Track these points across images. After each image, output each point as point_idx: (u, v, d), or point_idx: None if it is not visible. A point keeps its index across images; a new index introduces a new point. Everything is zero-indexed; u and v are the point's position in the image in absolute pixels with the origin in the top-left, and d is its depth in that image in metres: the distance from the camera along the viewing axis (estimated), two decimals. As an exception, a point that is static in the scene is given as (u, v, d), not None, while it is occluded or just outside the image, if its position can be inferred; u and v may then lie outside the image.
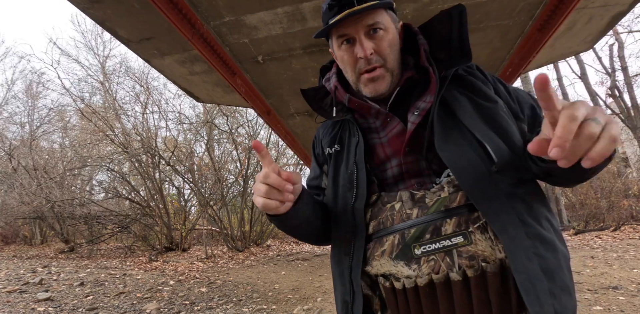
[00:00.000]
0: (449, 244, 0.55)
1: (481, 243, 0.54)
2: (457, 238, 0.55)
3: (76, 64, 22.07)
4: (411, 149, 0.67)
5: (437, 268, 0.56)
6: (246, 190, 10.92)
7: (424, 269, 0.57)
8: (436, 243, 0.56)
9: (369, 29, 0.68)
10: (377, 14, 0.68)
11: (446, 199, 0.59)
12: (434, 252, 0.56)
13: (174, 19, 1.86)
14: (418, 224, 0.59)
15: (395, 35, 0.71)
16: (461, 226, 0.56)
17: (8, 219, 9.80)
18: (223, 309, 4.16)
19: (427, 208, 0.60)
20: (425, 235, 0.58)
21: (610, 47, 12.31)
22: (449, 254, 0.55)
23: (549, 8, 1.98)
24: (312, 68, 2.62)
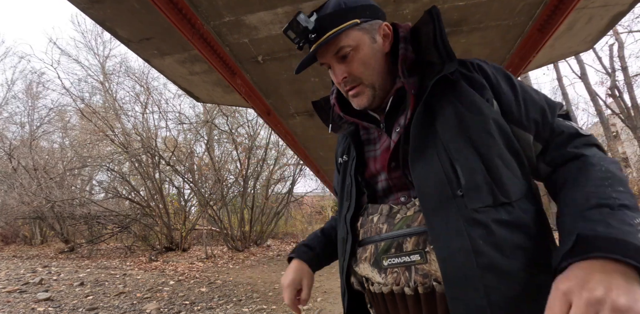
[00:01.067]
0: (408, 261, 0.59)
1: (435, 264, 0.56)
2: (415, 256, 0.58)
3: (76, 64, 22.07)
4: (397, 164, 0.68)
5: (399, 280, 0.60)
6: (246, 190, 10.93)
7: (389, 279, 0.61)
8: (399, 258, 0.60)
9: (337, 56, 0.70)
10: (339, 38, 0.68)
11: (410, 218, 0.61)
12: (397, 265, 0.60)
13: (174, 19, 1.86)
14: (386, 239, 0.63)
15: (372, 50, 0.70)
16: (419, 245, 0.58)
17: (8, 219, 9.81)
18: (223, 309, 4.16)
19: (393, 225, 0.63)
20: (391, 249, 0.61)
21: (610, 47, 12.32)
22: (409, 269, 0.59)
23: (549, 8, 1.98)
24: (312, 68, 2.61)
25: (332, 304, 4.27)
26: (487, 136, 0.60)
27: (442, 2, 1.98)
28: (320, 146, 4.55)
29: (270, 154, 12.14)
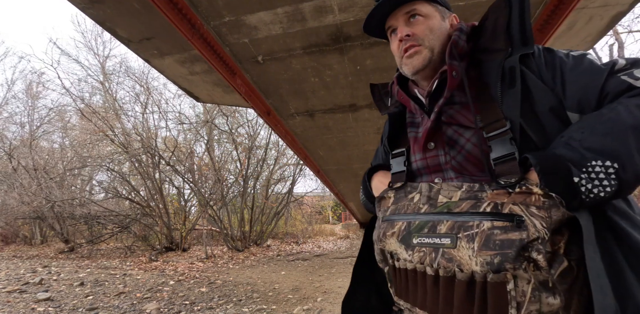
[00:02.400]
0: (438, 243, 0.60)
1: (463, 250, 0.56)
2: (445, 239, 0.59)
3: (76, 64, 22.11)
4: (435, 145, 0.71)
5: (424, 259, 0.61)
6: (246, 190, 10.94)
7: (415, 257, 0.63)
8: (430, 238, 0.61)
9: (407, 17, 0.74)
10: (416, 4, 0.74)
11: (453, 203, 0.62)
12: (426, 245, 0.62)
13: (174, 19, 1.86)
14: (421, 219, 0.65)
15: (440, 23, 0.74)
16: (453, 230, 0.59)
17: (8, 219, 9.81)
18: (223, 309, 4.16)
19: (435, 207, 0.64)
20: (424, 229, 0.63)
21: (610, 47, 12.31)
22: (436, 251, 0.60)
23: (549, 8, 1.98)
24: (312, 68, 2.62)
25: (332, 304, 4.27)
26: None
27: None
28: (320, 146, 4.55)
29: (270, 154, 12.15)
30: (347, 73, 2.70)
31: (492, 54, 0.67)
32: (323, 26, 2.16)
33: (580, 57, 0.63)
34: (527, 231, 0.51)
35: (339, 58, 2.49)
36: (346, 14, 2.07)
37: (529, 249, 0.51)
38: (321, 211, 22.50)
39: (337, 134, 4.10)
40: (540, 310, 0.50)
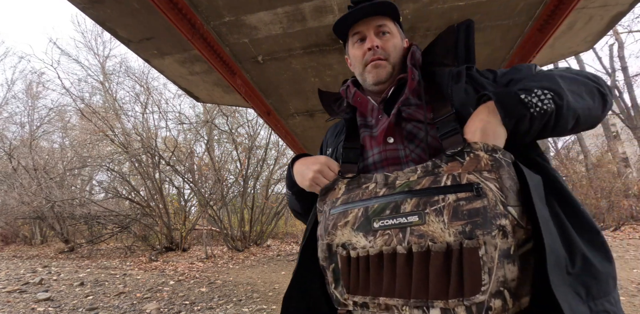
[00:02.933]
0: (405, 222, 0.60)
1: (433, 224, 0.57)
2: (412, 217, 0.60)
3: (76, 64, 22.10)
4: (394, 139, 0.75)
5: (390, 242, 0.60)
6: (246, 190, 10.93)
7: (378, 241, 0.62)
8: (393, 219, 0.61)
9: (377, 30, 0.82)
10: (386, 20, 0.84)
11: (413, 182, 0.64)
12: (390, 227, 0.61)
13: (174, 19, 1.86)
14: (381, 201, 0.64)
15: (400, 43, 0.85)
16: (419, 207, 0.60)
17: (8, 219, 9.81)
18: (223, 309, 4.16)
19: (394, 188, 0.65)
20: (386, 211, 0.63)
21: (610, 47, 12.32)
22: (403, 230, 0.60)
23: (549, 8, 1.99)
24: (312, 68, 2.62)
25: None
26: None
27: (442, 2, 1.98)
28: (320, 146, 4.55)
29: (270, 154, 12.15)
30: (347, 73, 2.70)
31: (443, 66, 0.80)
32: (323, 26, 2.16)
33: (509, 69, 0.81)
34: (487, 197, 0.56)
35: (339, 58, 2.49)
36: (346, 14, 2.07)
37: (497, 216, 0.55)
38: (321, 211, 22.45)
39: (337, 134, 4.10)
40: (505, 276, 0.53)
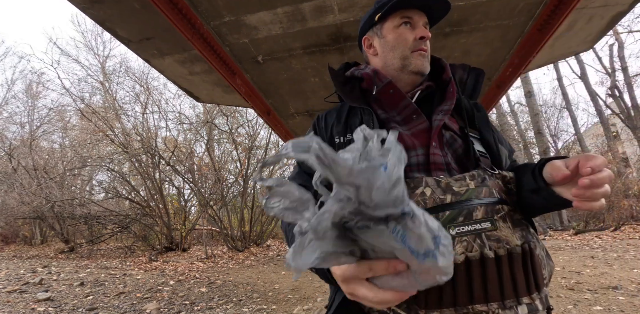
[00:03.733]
0: (479, 228, 0.62)
1: (504, 230, 0.64)
2: (485, 223, 0.63)
3: (76, 64, 22.10)
4: (436, 144, 0.74)
5: (470, 248, 0.61)
6: (246, 190, 10.92)
7: (458, 248, 0.61)
8: (468, 226, 0.62)
9: (425, 25, 0.83)
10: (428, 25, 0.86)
11: (475, 190, 0.67)
12: (467, 233, 0.62)
13: (174, 19, 1.86)
14: (452, 208, 0.64)
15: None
16: (488, 214, 0.64)
17: (8, 219, 9.81)
18: (223, 309, 4.16)
19: (460, 195, 0.65)
20: (459, 218, 0.63)
21: (610, 47, 12.32)
22: (479, 236, 0.62)
23: (549, 8, 1.99)
24: (312, 68, 2.62)
25: (332, 304, 4.27)
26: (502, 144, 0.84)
27: (442, 2, 1.98)
28: (320, 146, 4.55)
29: (270, 154, 12.13)
30: (347, 73, 2.70)
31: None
32: (323, 26, 2.16)
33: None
34: (519, 213, 0.69)
35: (339, 58, 2.49)
36: (346, 14, 2.07)
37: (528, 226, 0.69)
38: (321, 211, 22.48)
39: (337, 134, 4.10)
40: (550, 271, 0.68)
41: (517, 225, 0.66)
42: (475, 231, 0.62)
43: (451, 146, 0.75)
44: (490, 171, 0.72)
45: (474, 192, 0.66)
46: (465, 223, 0.62)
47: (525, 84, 11.10)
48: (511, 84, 2.82)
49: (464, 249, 0.60)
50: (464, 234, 0.62)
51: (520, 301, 0.60)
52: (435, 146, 0.74)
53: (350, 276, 0.43)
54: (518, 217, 0.68)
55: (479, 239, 0.61)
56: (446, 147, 0.75)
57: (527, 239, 0.65)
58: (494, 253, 0.61)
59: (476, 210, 0.63)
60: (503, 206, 0.66)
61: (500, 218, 0.64)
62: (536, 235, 0.69)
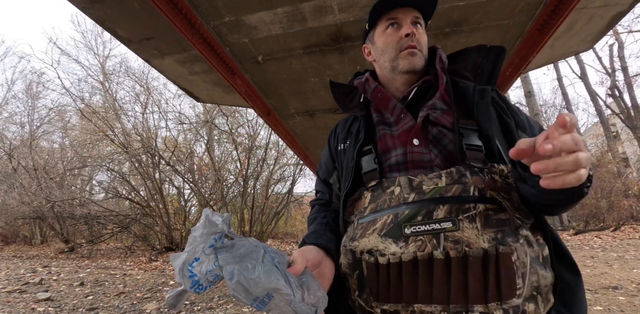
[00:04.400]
0: (438, 228, 0.60)
1: (468, 231, 0.58)
2: (446, 223, 0.60)
3: (76, 64, 22.11)
4: (420, 142, 0.73)
5: (423, 247, 0.60)
6: (246, 190, 10.93)
7: (411, 247, 0.61)
8: (426, 225, 0.61)
9: (414, 20, 0.80)
10: (421, 17, 0.82)
11: (442, 188, 0.64)
12: (423, 233, 0.61)
13: (174, 19, 1.86)
14: (412, 207, 0.64)
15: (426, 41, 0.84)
16: (452, 213, 0.60)
17: (8, 219, 9.81)
18: (223, 309, 4.16)
19: (423, 194, 0.65)
20: (417, 217, 0.62)
21: (610, 47, 12.32)
22: (437, 236, 0.60)
23: (549, 8, 1.98)
24: (312, 68, 2.62)
25: (332, 304, 4.28)
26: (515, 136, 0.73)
27: (442, 2, 1.98)
28: (320, 146, 4.55)
29: (270, 154, 12.14)
30: (347, 73, 2.70)
31: (464, 79, 0.79)
32: (323, 26, 2.16)
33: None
34: (508, 211, 0.61)
35: (339, 58, 2.49)
36: (346, 14, 2.07)
37: (518, 227, 0.59)
38: (321, 211, 22.46)
39: (337, 134, 4.10)
40: (539, 282, 0.56)
41: (494, 226, 0.58)
42: (433, 231, 0.60)
43: (440, 141, 0.72)
44: (478, 166, 0.65)
45: (440, 191, 0.64)
46: (422, 222, 0.61)
47: (525, 84, 11.10)
48: (511, 84, 2.82)
49: (416, 249, 0.60)
50: (419, 234, 0.61)
51: (469, 308, 0.55)
52: (416, 145, 0.73)
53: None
54: (504, 216, 0.60)
55: (435, 240, 0.59)
56: (432, 144, 0.72)
57: (501, 242, 0.56)
58: (445, 254, 0.58)
59: (437, 209, 0.61)
60: (477, 204, 0.60)
61: (467, 218, 0.59)
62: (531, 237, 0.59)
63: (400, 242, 0.62)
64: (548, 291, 0.57)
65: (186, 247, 0.48)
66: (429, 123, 0.74)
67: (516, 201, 0.63)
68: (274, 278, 0.47)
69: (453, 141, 0.70)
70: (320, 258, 0.68)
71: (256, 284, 0.46)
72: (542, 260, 0.58)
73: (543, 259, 0.58)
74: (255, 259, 0.49)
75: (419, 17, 0.81)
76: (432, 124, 0.73)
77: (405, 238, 0.62)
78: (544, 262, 0.58)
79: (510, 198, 0.63)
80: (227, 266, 0.46)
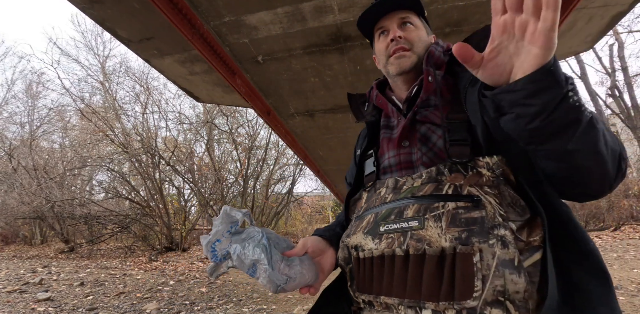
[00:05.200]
0: (406, 226, 0.63)
1: (431, 230, 0.60)
2: (413, 222, 0.62)
3: (76, 64, 22.11)
4: (409, 143, 0.75)
5: (392, 245, 0.63)
6: (246, 190, 10.94)
7: (382, 244, 0.65)
8: (397, 224, 0.64)
9: (400, 21, 0.81)
10: (410, 13, 0.82)
11: (416, 188, 0.66)
12: (393, 231, 0.64)
13: (174, 19, 1.86)
14: (387, 207, 0.68)
15: (426, 36, 0.84)
16: (420, 213, 0.62)
17: (8, 219, 9.81)
18: (223, 309, 4.16)
19: (399, 194, 0.69)
20: (391, 216, 0.66)
21: (610, 47, 12.33)
22: (405, 234, 0.62)
23: (549, 8, 1.98)
24: (312, 68, 2.62)
25: (332, 304, 4.28)
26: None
27: (442, 2, 1.98)
28: (320, 146, 4.55)
29: (270, 154, 12.15)
30: (347, 73, 2.70)
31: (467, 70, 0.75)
32: (323, 26, 2.16)
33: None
34: (485, 209, 0.57)
35: (339, 58, 2.49)
36: (346, 14, 2.07)
37: (496, 226, 0.55)
38: (321, 211, 22.50)
39: (337, 134, 4.10)
40: (505, 286, 0.52)
41: (461, 225, 0.56)
42: (402, 229, 0.63)
43: (429, 139, 0.72)
44: (462, 161, 0.63)
45: (412, 190, 0.66)
46: (394, 221, 0.65)
47: (525, 84, 11.09)
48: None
49: (386, 246, 0.64)
50: (391, 232, 0.64)
51: (422, 304, 0.57)
52: (405, 146, 0.75)
53: None
54: (478, 214, 0.56)
55: (402, 237, 0.62)
56: (421, 142, 0.73)
57: (464, 242, 0.55)
58: (405, 251, 0.61)
59: (407, 209, 0.64)
60: (446, 203, 0.60)
61: (433, 217, 0.60)
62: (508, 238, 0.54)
63: (376, 239, 0.67)
64: (528, 299, 0.52)
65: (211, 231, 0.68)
66: (417, 122, 0.75)
67: (508, 194, 0.59)
68: (258, 253, 0.65)
69: (442, 137, 0.70)
70: (322, 248, 0.79)
71: (246, 257, 0.65)
72: (517, 264, 0.52)
73: (519, 263, 0.52)
74: (253, 241, 0.68)
75: (407, 16, 0.82)
76: (420, 123, 0.75)
77: (379, 235, 0.66)
78: (519, 267, 0.52)
79: (499, 193, 0.59)
80: (233, 244, 0.67)
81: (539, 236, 0.56)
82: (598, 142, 0.50)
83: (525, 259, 0.54)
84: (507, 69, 0.50)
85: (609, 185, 0.56)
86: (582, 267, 0.54)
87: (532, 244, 0.56)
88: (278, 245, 0.72)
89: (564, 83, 0.46)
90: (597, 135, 0.50)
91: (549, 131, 0.49)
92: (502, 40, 0.49)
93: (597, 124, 0.50)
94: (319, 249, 0.78)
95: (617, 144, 0.56)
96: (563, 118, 0.48)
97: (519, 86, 0.47)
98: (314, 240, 0.79)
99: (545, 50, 0.45)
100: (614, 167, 0.55)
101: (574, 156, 0.52)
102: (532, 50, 0.46)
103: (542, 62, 0.45)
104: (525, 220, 0.57)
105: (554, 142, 0.51)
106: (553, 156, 0.54)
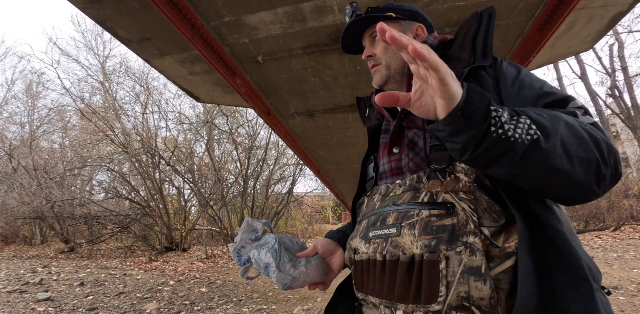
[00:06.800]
0: (387, 233, 0.66)
1: (405, 237, 0.63)
2: (392, 229, 0.66)
3: (76, 64, 22.09)
4: (399, 149, 0.76)
5: (376, 250, 0.68)
6: (246, 190, 10.93)
7: (370, 248, 0.69)
8: (381, 230, 0.68)
9: (371, 38, 0.86)
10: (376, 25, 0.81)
11: (397, 196, 0.70)
12: (379, 237, 0.68)
13: (174, 19, 1.86)
14: (375, 214, 0.72)
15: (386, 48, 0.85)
16: (398, 220, 0.66)
17: (8, 219, 9.81)
18: (223, 309, 4.16)
19: (384, 201, 0.72)
20: (377, 223, 0.70)
21: (610, 47, 12.33)
22: (386, 241, 0.66)
23: (549, 8, 1.98)
24: (312, 68, 2.62)
25: (332, 304, 4.27)
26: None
27: (442, 2, 1.98)
28: (320, 146, 4.55)
29: (270, 154, 12.15)
30: (347, 73, 2.70)
31: (456, 62, 0.73)
32: (323, 26, 2.16)
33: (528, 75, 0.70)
34: (458, 216, 0.58)
35: (339, 58, 2.49)
36: (346, 14, 2.07)
37: (466, 233, 0.56)
38: (321, 211, 22.50)
39: (337, 134, 4.10)
40: (469, 293, 0.54)
41: (432, 233, 0.59)
42: (384, 236, 0.67)
43: (416, 144, 0.72)
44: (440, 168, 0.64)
45: (394, 198, 0.70)
46: (379, 228, 0.69)
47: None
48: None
49: (372, 250, 0.69)
50: (377, 237, 0.69)
51: (395, 305, 0.62)
52: (395, 152, 0.76)
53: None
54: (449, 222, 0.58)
55: (384, 243, 0.66)
56: (409, 147, 0.73)
57: (432, 250, 0.57)
58: (383, 257, 0.65)
59: (389, 216, 0.68)
60: (421, 211, 0.62)
61: (408, 225, 0.63)
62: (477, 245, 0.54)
63: (367, 243, 0.71)
64: (495, 305, 0.52)
65: (236, 239, 0.83)
66: (404, 127, 0.76)
67: (483, 200, 0.59)
68: (268, 257, 0.77)
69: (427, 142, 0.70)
70: (332, 248, 0.87)
71: (260, 260, 0.77)
72: (483, 271, 0.53)
73: (485, 270, 0.53)
74: (267, 247, 0.79)
75: (373, 31, 0.84)
76: (408, 128, 0.75)
77: (369, 240, 0.71)
78: (485, 274, 0.53)
79: (474, 198, 0.59)
80: (253, 250, 0.80)
81: (514, 242, 0.55)
82: (549, 162, 0.49)
83: (496, 266, 0.54)
84: (431, 108, 0.52)
85: (589, 192, 0.55)
86: (562, 271, 0.53)
87: (506, 251, 0.55)
88: (291, 248, 0.83)
89: (481, 121, 0.47)
90: (545, 156, 0.49)
91: (483, 161, 0.51)
92: (421, 83, 0.51)
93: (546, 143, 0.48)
94: (328, 250, 0.86)
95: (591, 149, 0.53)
96: (490, 151, 0.49)
97: (440, 126, 0.50)
98: (325, 242, 0.88)
99: (446, 100, 0.47)
100: (588, 175, 0.53)
101: (524, 178, 0.52)
102: (437, 99, 0.49)
103: (448, 109, 0.47)
104: (500, 225, 0.57)
105: (495, 170, 0.52)
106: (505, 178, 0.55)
